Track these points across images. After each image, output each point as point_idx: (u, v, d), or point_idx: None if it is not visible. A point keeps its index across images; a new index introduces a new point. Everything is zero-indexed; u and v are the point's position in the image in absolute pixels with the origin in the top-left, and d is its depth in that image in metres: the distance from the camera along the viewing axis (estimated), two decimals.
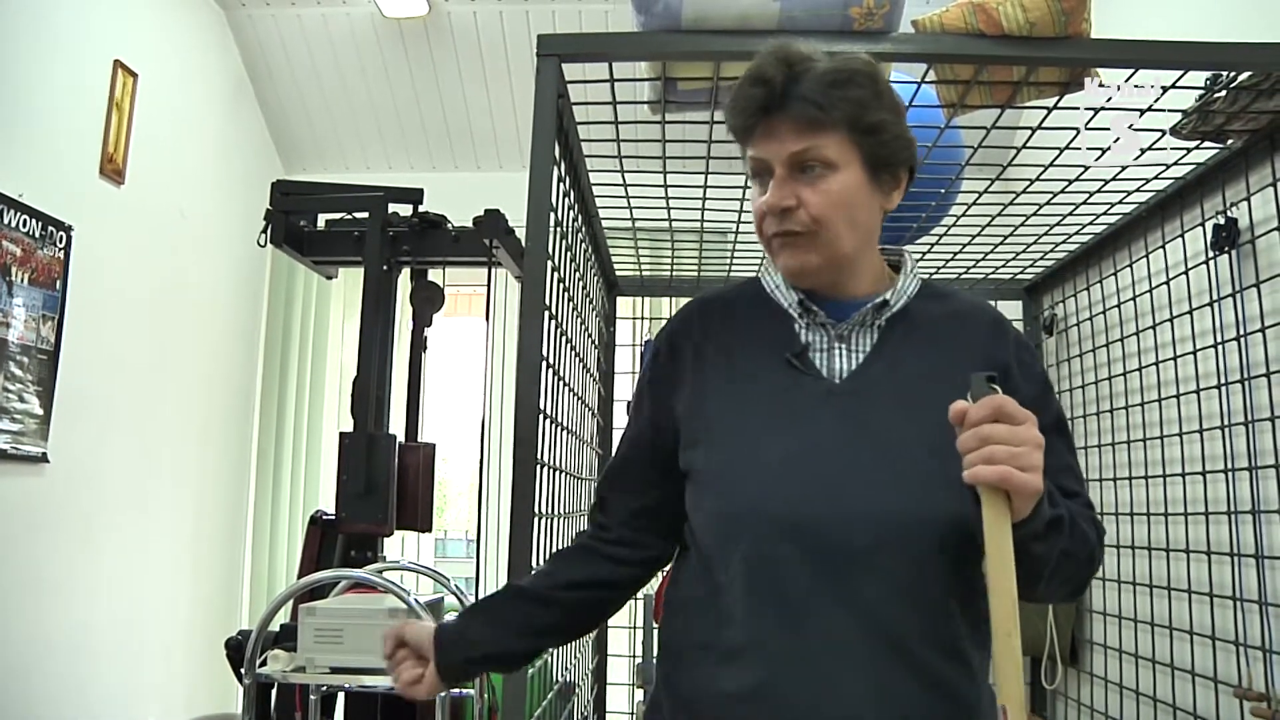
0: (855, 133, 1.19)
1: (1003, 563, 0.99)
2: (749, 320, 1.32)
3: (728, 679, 1.17)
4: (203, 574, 3.88)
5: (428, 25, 3.95)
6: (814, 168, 1.19)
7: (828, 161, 1.19)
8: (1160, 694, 2.50)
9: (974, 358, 1.22)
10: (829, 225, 1.20)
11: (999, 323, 1.31)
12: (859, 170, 1.21)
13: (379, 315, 2.70)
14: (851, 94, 1.18)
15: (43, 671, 2.89)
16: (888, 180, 1.24)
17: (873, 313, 1.26)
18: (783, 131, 1.20)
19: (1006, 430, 0.99)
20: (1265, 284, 2.13)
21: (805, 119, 1.18)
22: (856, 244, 1.24)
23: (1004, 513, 1.00)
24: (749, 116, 1.22)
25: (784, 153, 1.20)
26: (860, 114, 1.18)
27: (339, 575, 2.31)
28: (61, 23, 3.01)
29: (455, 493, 6.84)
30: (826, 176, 1.19)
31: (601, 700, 3.10)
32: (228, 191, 4.03)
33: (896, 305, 1.27)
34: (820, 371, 1.24)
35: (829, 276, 1.26)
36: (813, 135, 1.18)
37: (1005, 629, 0.97)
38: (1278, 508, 2.07)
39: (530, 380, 1.65)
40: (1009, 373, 1.22)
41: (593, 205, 2.45)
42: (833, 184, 1.19)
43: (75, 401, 3.00)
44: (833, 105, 1.17)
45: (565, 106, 1.82)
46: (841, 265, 1.25)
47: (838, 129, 1.18)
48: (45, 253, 2.89)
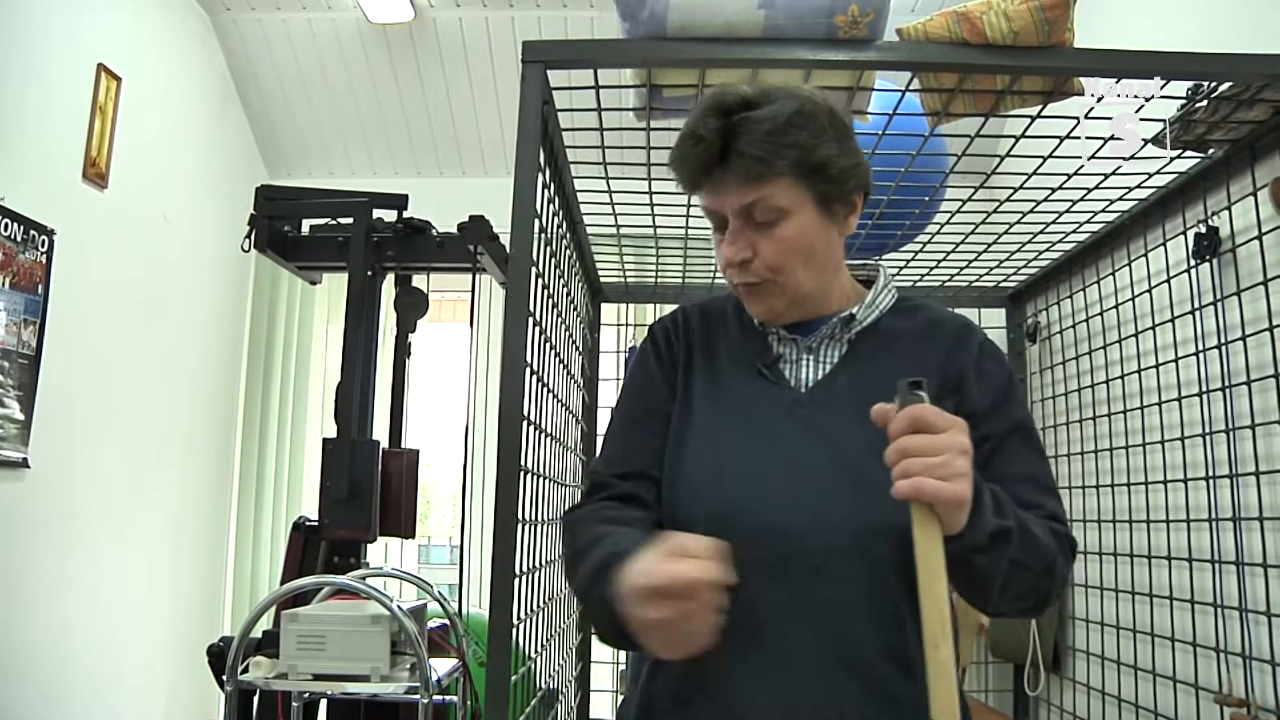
0: (802, 175, 1.18)
1: (930, 574, 0.97)
2: (729, 330, 1.34)
3: (679, 683, 1.20)
4: (185, 580, 3.85)
5: (413, 31, 3.95)
6: (766, 216, 1.19)
7: (779, 209, 1.19)
8: (1142, 700, 2.52)
9: (935, 367, 1.24)
10: (786, 272, 1.21)
11: (965, 330, 1.30)
12: (811, 210, 1.20)
13: (363, 321, 2.69)
14: (792, 138, 1.16)
15: (22, 677, 2.86)
16: (841, 210, 1.24)
17: (840, 326, 1.27)
18: (728, 186, 1.19)
19: (922, 441, 0.98)
20: (1246, 292, 2.14)
21: (750, 173, 1.17)
22: (818, 280, 1.25)
23: (931, 523, 0.98)
24: (691, 175, 1.22)
25: (734, 205, 1.20)
26: (805, 157, 1.17)
27: (322, 581, 2.30)
28: (45, 26, 2.99)
29: (439, 499, 6.82)
30: (779, 224, 1.19)
31: (585, 707, 3.10)
32: (211, 196, 4.01)
33: (866, 320, 1.28)
34: (789, 382, 1.26)
35: (800, 312, 1.27)
36: (760, 187, 1.17)
37: (934, 641, 0.96)
38: (1258, 515, 2.08)
39: (514, 386, 1.65)
40: (964, 380, 1.23)
41: (577, 212, 2.45)
42: (787, 230, 1.19)
43: (57, 406, 2.98)
44: (776, 155, 1.16)
45: (550, 113, 1.82)
46: (807, 301, 1.26)
47: (784, 176, 1.17)
48: (27, 256, 2.87)
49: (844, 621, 1.14)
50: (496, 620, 1.59)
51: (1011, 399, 1.26)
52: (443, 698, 2.24)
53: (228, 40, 4.04)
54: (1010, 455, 1.04)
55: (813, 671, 1.13)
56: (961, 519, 1.01)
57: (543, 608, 2.06)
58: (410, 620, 2.03)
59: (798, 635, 1.14)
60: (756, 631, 1.15)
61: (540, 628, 2.06)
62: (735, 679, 1.16)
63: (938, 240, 2.80)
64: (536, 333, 1.81)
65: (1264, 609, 2.03)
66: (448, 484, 6.34)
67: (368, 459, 2.60)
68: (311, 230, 2.91)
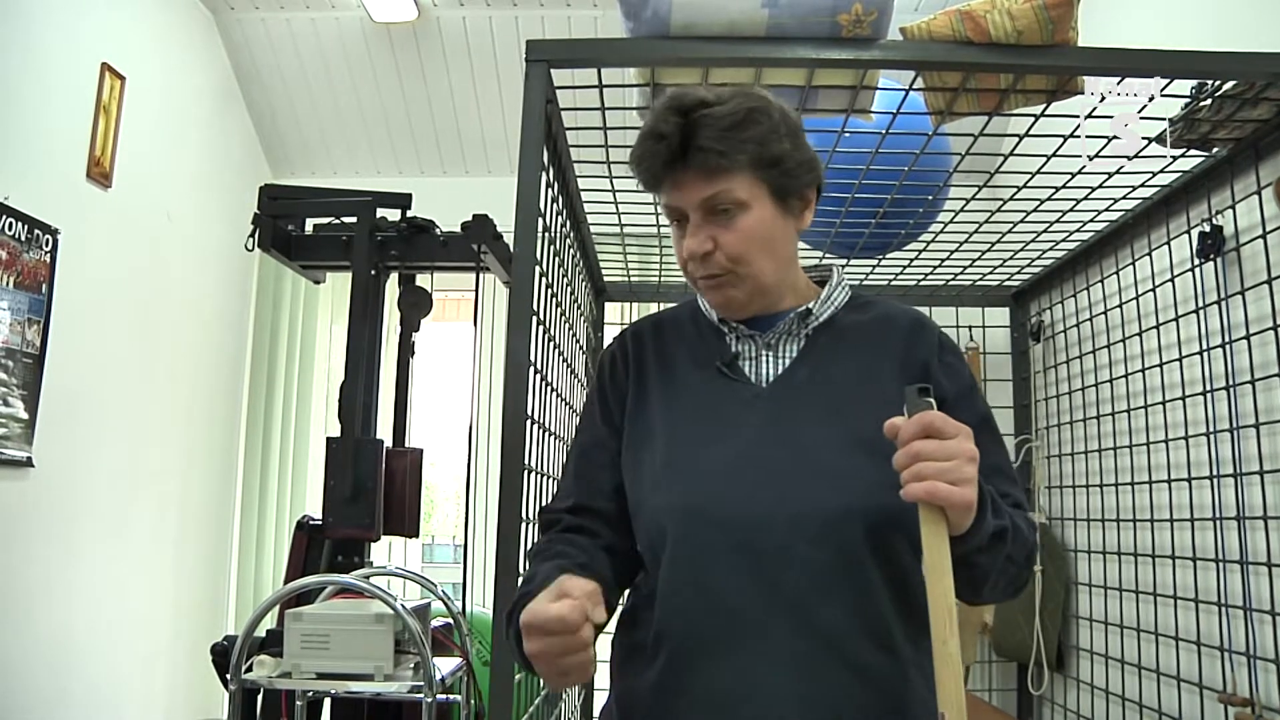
0: (759, 170, 1.23)
1: (939, 575, 1.01)
2: (686, 335, 1.38)
3: (654, 675, 1.23)
4: (188, 579, 3.86)
5: (416, 30, 3.95)
6: (725, 210, 1.23)
7: (738, 202, 1.23)
8: (1146, 699, 2.51)
9: (893, 358, 1.29)
10: (747, 261, 1.25)
11: (920, 324, 1.35)
12: (768, 203, 1.25)
13: (366, 320, 2.69)
14: (750, 133, 1.21)
15: (25, 676, 2.87)
16: (797, 204, 1.29)
17: (797, 322, 1.31)
18: (689, 180, 1.24)
19: (935, 445, 1.02)
20: (1250, 291, 2.14)
21: (709, 166, 1.21)
22: (777, 272, 1.29)
23: (940, 527, 1.02)
24: (653, 172, 1.26)
25: (694, 200, 1.24)
26: (761, 151, 1.22)
27: (325, 581, 2.30)
28: (49, 25, 2.99)
29: (442, 498, 6.82)
30: (738, 216, 1.24)
31: (589, 705, 3.10)
32: (215, 195, 4.01)
33: (822, 316, 1.33)
34: (749, 378, 1.30)
35: (758, 306, 1.31)
36: (719, 180, 1.22)
37: (942, 637, 0.99)
38: (1262, 514, 2.08)
39: (518, 386, 1.65)
40: (929, 370, 1.27)
41: (581, 211, 2.45)
42: (746, 222, 1.24)
43: (61, 406, 2.99)
44: (734, 149, 1.21)
45: (554, 112, 1.82)
46: (767, 293, 1.30)
47: (742, 170, 1.22)
48: (31, 256, 2.87)
49: (817, 607, 1.17)
50: (500, 619, 1.59)
51: (975, 392, 1.31)
52: (446, 697, 2.24)
53: (231, 39, 4.04)
54: (981, 448, 1.07)
55: (791, 658, 1.16)
56: (968, 521, 1.04)
57: None
58: (414, 619, 2.04)
59: (773, 624, 1.17)
60: (733, 623, 1.18)
61: None
62: (715, 670, 1.18)
63: (941, 239, 2.80)
64: (540, 332, 1.81)
65: (1268, 608, 2.03)
66: (451, 483, 6.34)
67: (371, 458, 2.60)
68: (315, 229, 2.91)
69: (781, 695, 1.15)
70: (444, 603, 2.42)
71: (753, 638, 1.17)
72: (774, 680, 1.15)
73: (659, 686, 1.22)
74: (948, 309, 3.36)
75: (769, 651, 1.16)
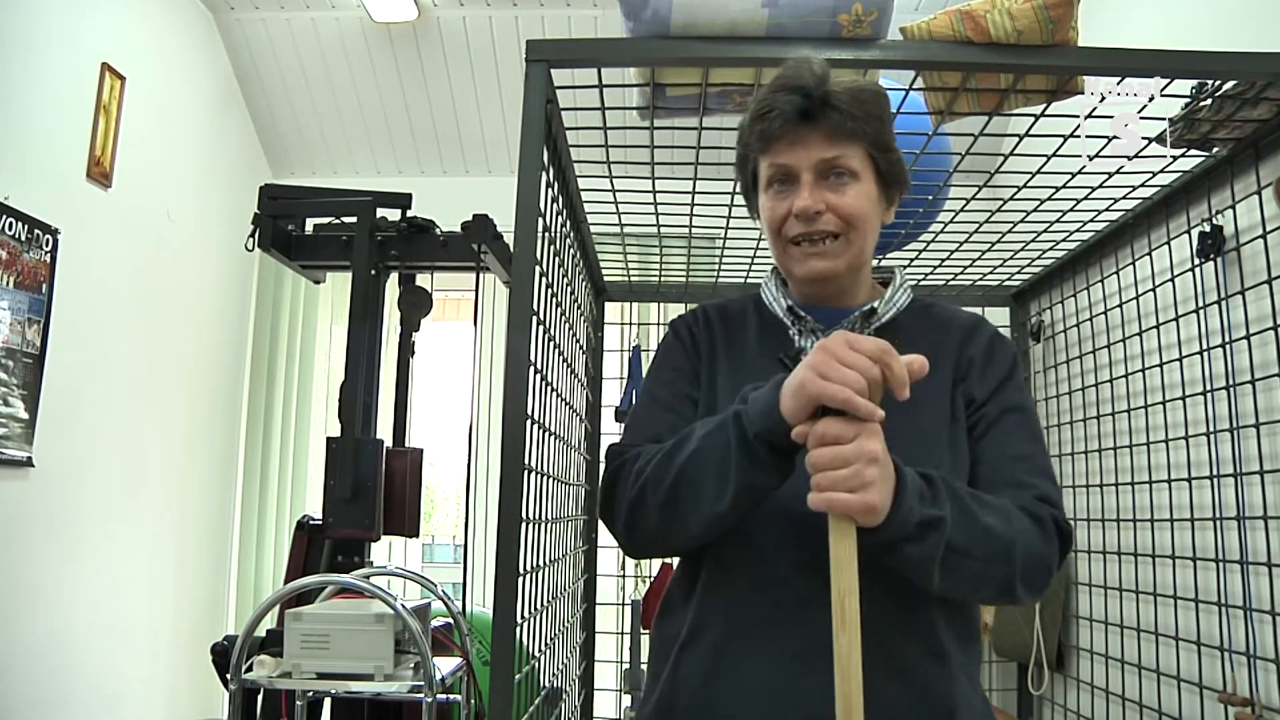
0: (875, 148, 1.27)
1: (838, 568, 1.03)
2: (751, 326, 1.38)
3: (701, 665, 1.22)
4: (188, 579, 3.86)
5: (416, 30, 3.95)
6: (840, 175, 1.25)
7: (852, 171, 1.26)
8: (1146, 699, 2.51)
9: (949, 361, 1.29)
10: (858, 227, 1.27)
11: (977, 324, 1.36)
12: (874, 183, 1.28)
13: (366, 320, 2.69)
14: (875, 111, 1.26)
15: (25, 675, 2.87)
16: (891, 195, 1.33)
17: (861, 320, 1.32)
18: (813, 139, 1.25)
19: (830, 455, 1.02)
20: (1250, 291, 2.14)
21: (837, 128, 1.24)
22: (869, 252, 1.32)
23: (842, 522, 1.04)
24: (784, 122, 1.26)
25: (814, 159, 1.25)
26: (880, 131, 1.27)
27: (325, 580, 2.30)
28: (49, 25, 3.00)
29: (443, 497, 6.82)
30: (851, 185, 1.26)
31: (589, 706, 3.10)
32: (215, 195, 4.02)
33: (885, 315, 1.33)
34: None
35: (844, 282, 1.32)
36: (843, 144, 1.25)
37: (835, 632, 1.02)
38: (1262, 514, 2.08)
39: (518, 386, 1.65)
40: (971, 368, 1.29)
41: (581, 211, 2.45)
42: (858, 191, 1.26)
43: (61, 405, 2.99)
44: (864, 120, 1.24)
45: (554, 112, 1.82)
46: (857, 271, 1.31)
47: (862, 142, 1.26)
48: (31, 256, 2.88)
49: (872, 607, 1.15)
50: (500, 619, 1.59)
51: (1010, 383, 1.30)
52: (446, 697, 2.24)
53: (232, 39, 4.05)
54: (1003, 435, 1.08)
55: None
56: (875, 520, 1.04)
57: (547, 606, 2.06)
58: (414, 619, 2.04)
59: (823, 619, 1.15)
60: (781, 615, 1.19)
61: (544, 626, 2.06)
62: (761, 663, 1.18)
63: (941, 239, 2.80)
64: (540, 331, 1.81)
65: (1268, 608, 2.03)
66: (451, 483, 6.34)
67: (371, 458, 2.60)
68: (315, 229, 2.92)
69: (828, 691, 1.15)
70: (444, 603, 2.42)
71: (801, 631, 1.17)
72: (821, 676, 1.15)
73: (705, 677, 1.22)
74: None
75: (817, 646, 1.14)
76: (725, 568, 1.23)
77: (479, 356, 2.74)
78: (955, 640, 1.21)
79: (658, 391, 1.37)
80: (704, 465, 1.13)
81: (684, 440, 1.18)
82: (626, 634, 3.10)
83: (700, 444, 1.15)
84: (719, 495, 1.12)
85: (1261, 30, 2.16)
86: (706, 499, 1.13)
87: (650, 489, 1.19)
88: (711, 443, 1.13)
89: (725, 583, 1.23)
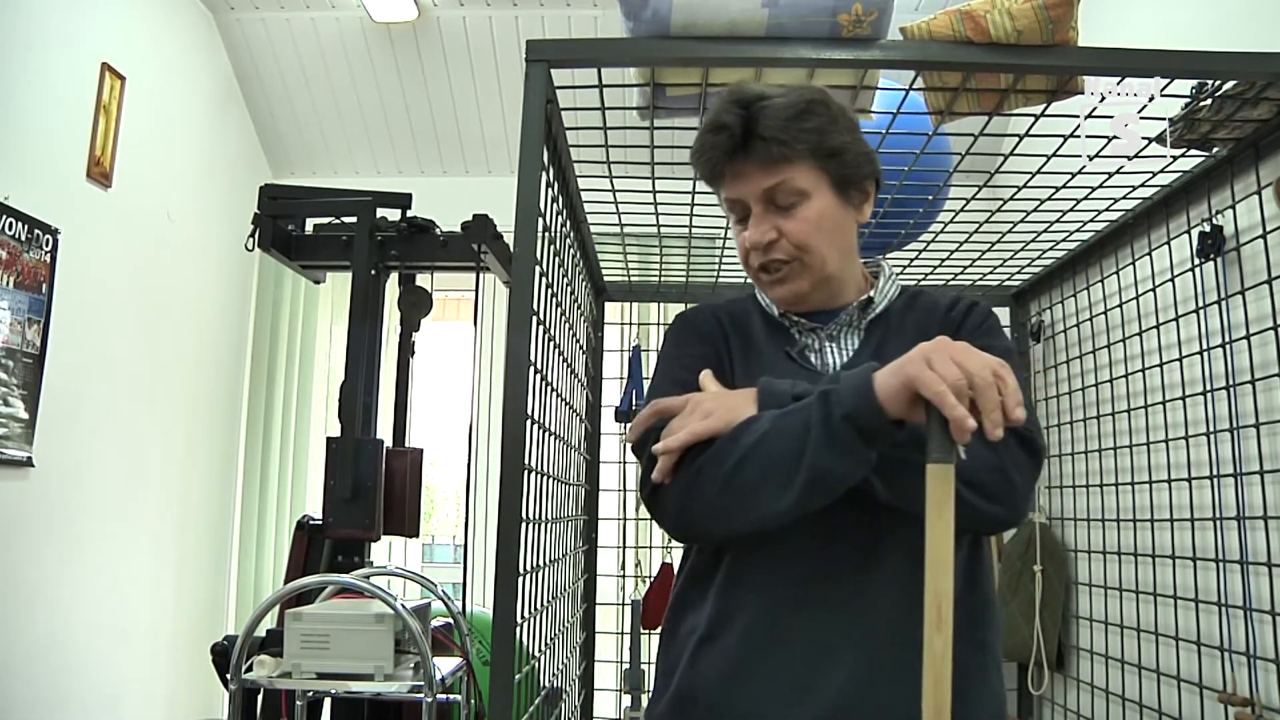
0: (820, 159, 1.26)
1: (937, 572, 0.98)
2: (756, 324, 1.40)
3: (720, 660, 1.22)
4: (188, 579, 3.86)
5: (416, 30, 3.95)
6: (787, 199, 1.26)
7: (799, 191, 1.26)
8: (1146, 699, 2.51)
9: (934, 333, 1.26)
10: (812, 250, 1.27)
11: (956, 301, 1.37)
12: (829, 193, 1.28)
13: (366, 320, 2.69)
14: (810, 124, 1.24)
15: (25, 676, 2.87)
16: (856, 196, 1.32)
17: (858, 313, 1.34)
18: (751, 171, 1.26)
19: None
20: (1250, 290, 2.14)
21: (771, 156, 1.24)
22: (839, 262, 1.31)
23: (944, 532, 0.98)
24: (715, 163, 1.28)
25: (756, 190, 1.27)
26: (821, 141, 1.25)
27: (325, 581, 2.30)
28: (49, 25, 3.00)
29: (443, 497, 6.82)
30: (800, 205, 1.26)
31: (589, 706, 3.10)
32: (215, 195, 4.02)
33: (880, 306, 1.35)
34: (816, 367, 1.32)
35: (820, 297, 1.33)
36: (781, 170, 1.25)
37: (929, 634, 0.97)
38: (1262, 514, 2.08)
39: (518, 385, 1.65)
40: (951, 330, 1.29)
41: (581, 211, 2.45)
42: (808, 211, 1.26)
43: (61, 405, 2.99)
44: (795, 139, 1.23)
45: (554, 112, 1.82)
46: (830, 284, 1.32)
47: (803, 159, 1.25)
48: (31, 256, 2.88)
49: (892, 607, 1.16)
50: (500, 619, 1.59)
51: (986, 331, 1.32)
52: (446, 697, 2.24)
53: (231, 39, 4.05)
54: None
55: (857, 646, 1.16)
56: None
57: (547, 606, 2.06)
58: (414, 619, 2.04)
59: (842, 610, 1.16)
60: (801, 608, 1.19)
61: (544, 626, 2.06)
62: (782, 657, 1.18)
63: (941, 239, 2.80)
64: (540, 331, 1.81)
65: (1268, 608, 2.03)
66: (451, 483, 6.34)
67: (371, 458, 2.60)
68: (315, 229, 2.92)
69: (847, 684, 1.15)
70: (444, 603, 2.42)
71: (821, 623, 1.17)
72: (841, 668, 1.15)
73: (726, 673, 1.21)
74: None
75: (843, 641, 1.16)
76: (748, 560, 1.23)
77: (479, 356, 2.74)
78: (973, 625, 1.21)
79: (681, 375, 1.32)
80: (775, 447, 1.09)
81: (751, 421, 1.13)
82: (626, 634, 3.10)
83: (774, 424, 1.10)
84: (787, 481, 1.08)
85: (1261, 30, 2.16)
86: (774, 481, 1.09)
87: (710, 466, 1.14)
88: (788, 422, 1.09)
89: (748, 576, 1.22)
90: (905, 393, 1.00)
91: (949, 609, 0.96)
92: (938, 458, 0.98)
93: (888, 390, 1.03)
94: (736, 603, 1.22)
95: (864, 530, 1.18)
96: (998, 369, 0.98)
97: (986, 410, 0.96)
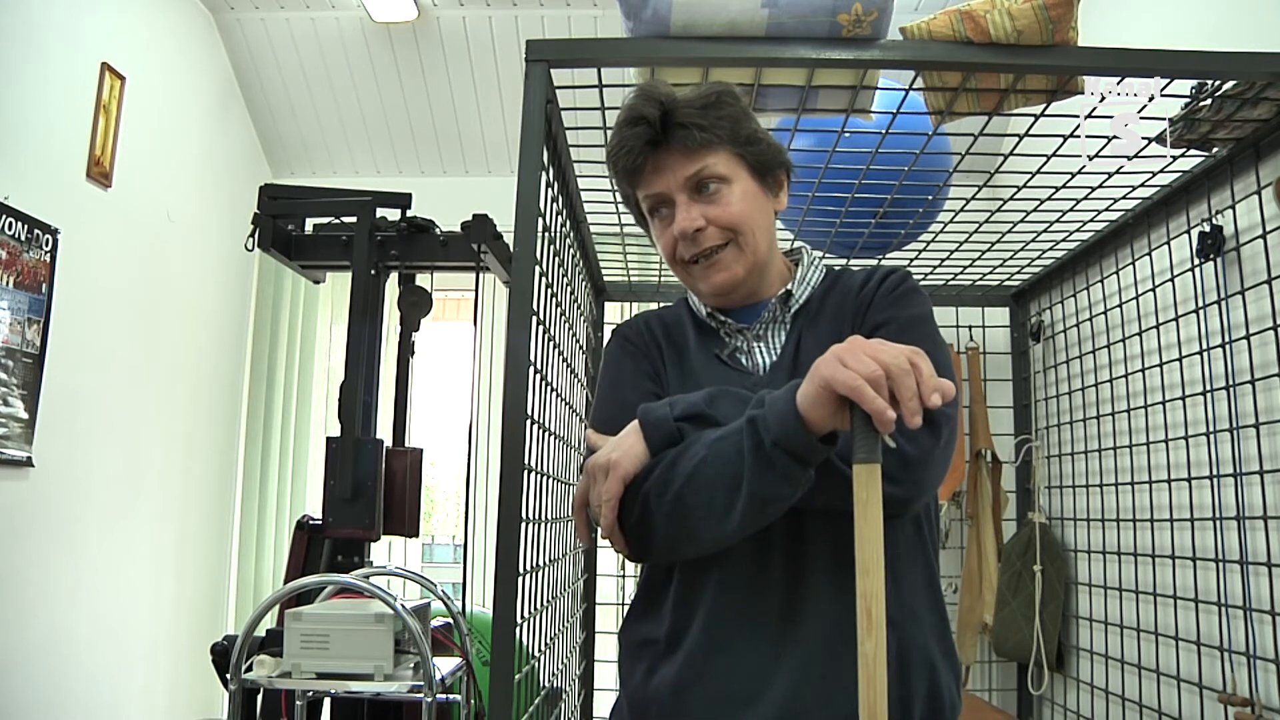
0: (737, 145, 1.29)
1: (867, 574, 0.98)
2: (688, 330, 1.42)
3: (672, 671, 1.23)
4: (188, 579, 3.86)
5: (416, 30, 3.95)
6: (710, 185, 1.28)
7: (721, 176, 1.28)
8: (1146, 699, 2.51)
9: (852, 319, 1.30)
10: (742, 230, 1.29)
11: (868, 275, 1.37)
12: (749, 179, 1.31)
13: (366, 320, 2.69)
14: (724, 112, 1.28)
15: (24, 676, 2.87)
16: (772, 184, 1.34)
17: (779, 307, 1.35)
18: (672, 161, 1.28)
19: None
20: (1250, 291, 2.14)
21: (692, 142, 1.26)
22: (767, 247, 1.33)
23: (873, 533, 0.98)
24: (636, 155, 1.29)
25: (679, 179, 1.28)
26: (736, 128, 1.28)
27: (325, 580, 2.30)
28: (49, 25, 2.99)
29: (442, 497, 6.82)
30: (723, 190, 1.28)
31: (589, 705, 3.10)
32: (215, 195, 4.01)
33: (801, 297, 1.36)
34: (747, 368, 1.33)
35: (750, 286, 1.34)
36: (701, 156, 1.27)
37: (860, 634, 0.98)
38: (1262, 514, 2.08)
39: (518, 385, 1.65)
40: (868, 305, 1.30)
41: (581, 211, 2.45)
42: (732, 195, 1.29)
43: (61, 405, 2.99)
44: (713, 124, 1.26)
45: (554, 112, 1.82)
46: (760, 270, 1.34)
47: (722, 145, 1.28)
48: (31, 255, 2.87)
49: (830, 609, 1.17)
50: (500, 619, 1.59)
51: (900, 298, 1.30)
52: (446, 697, 2.24)
53: (231, 39, 4.04)
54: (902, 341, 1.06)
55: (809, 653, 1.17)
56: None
57: (547, 606, 2.06)
58: (414, 619, 2.04)
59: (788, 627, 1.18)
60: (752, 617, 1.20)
61: (544, 626, 2.06)
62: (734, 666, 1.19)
63: (941, 239, 2.80)
64: (540, 331, 1.81)
65: (1268, 608, 2.03)
66: (451, 482, 6.34)
67: (371, 458, 2.60)
68: (315, 229, 2.91)
69: (800, 691, 1.15)
70: (444, 603, 2.41)
71: (764, 632, 1.18)
72: (792, 676, 1.16)
73: (677, 683, 1.22)
74: (948, 309, 3.36)
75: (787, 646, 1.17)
76: (697, 571, 1.24)
77: (479, 356, 2.74)
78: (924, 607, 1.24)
79: (627, 396, 1.32)
80: (713, 472, 1.10)
81: (689, 446, 1.14)
82: None
83: (710, 449, 1.11)
84: (729, 506, 1.08)
85: (1261, 30, 2.16)
86: (716, 509, 1.10)
87: (654, 497, 1.14)
88: (722, 448, 1.10)
89: (696, 589, 1.24)
90: (825, 395, 1.00)
91: (880, 611, 0.95)
92: (863, 458, 0.98)
93: (809, 399, 1.02)
94: (688, 615, 1.24)
95: (792, 539, 1.20)
96: (912, 356, 0.98)
97: (904, 399, 0.96)
